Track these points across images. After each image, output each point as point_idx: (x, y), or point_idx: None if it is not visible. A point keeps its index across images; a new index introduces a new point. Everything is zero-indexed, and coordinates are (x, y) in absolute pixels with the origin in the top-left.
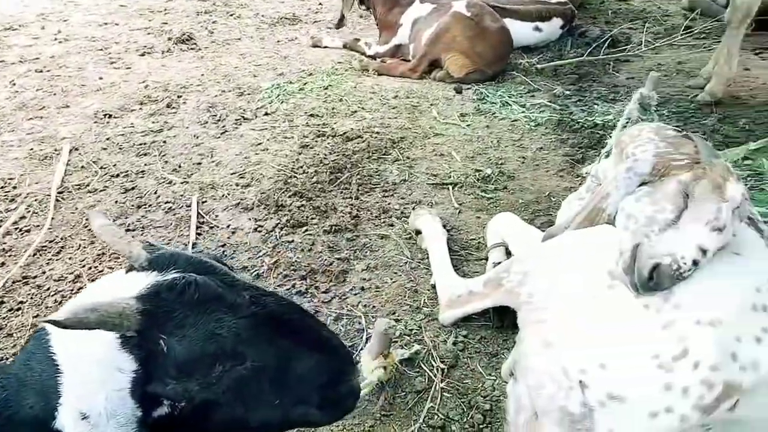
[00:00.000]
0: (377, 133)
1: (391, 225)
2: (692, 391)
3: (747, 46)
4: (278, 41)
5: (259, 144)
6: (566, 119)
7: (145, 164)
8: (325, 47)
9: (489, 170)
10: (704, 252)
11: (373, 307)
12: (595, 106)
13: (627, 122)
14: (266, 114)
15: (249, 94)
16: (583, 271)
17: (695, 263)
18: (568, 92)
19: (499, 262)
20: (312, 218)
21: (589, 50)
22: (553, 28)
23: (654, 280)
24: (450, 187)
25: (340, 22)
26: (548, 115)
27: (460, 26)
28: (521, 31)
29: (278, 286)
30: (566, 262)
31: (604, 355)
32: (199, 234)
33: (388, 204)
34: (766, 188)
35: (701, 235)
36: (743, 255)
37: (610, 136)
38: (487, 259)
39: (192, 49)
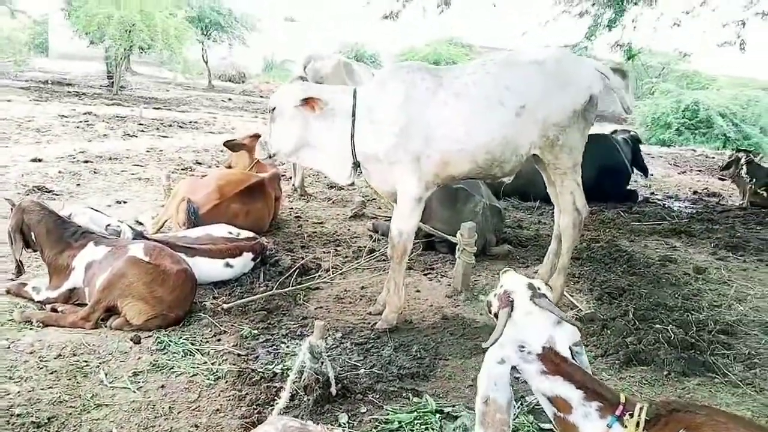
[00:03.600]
0: (18, 415)
1: None
2: None
3: (418, 267)
4: None
5: None
6: (248, 369)
7: None
8: None
9: None
10: None
11: None
12: (282, 346)
13: (298, 374)
14: None
15: None
16: None
17: None
18: (256, 331)
19: None
20: None
21: (279, 282)
22: (244, 261)
23: None
24: None
25: (18, 271)
26: (230, 365)
27: (136, 271)
28: (212, 269)
29: None
30: None
31: None
32: None
33: None
34: None
35: None
36: None
37: None
38: None
39: None
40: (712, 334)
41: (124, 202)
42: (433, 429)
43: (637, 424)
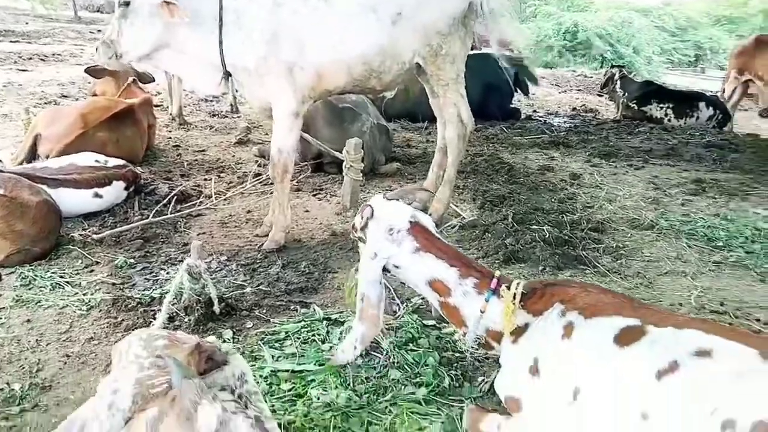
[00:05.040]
0: None
1: None
2: None
3: (307, 188)
4: None
5: None
6: (124, 296)
7: None
8: None
9: (17, 386)
10: None
11: None
12: (162, 273)
13: (176, 296)
14: None
15: None
16: None
17: None
18: (132, 260)
19: None
20: None
21: (155, 210)
22: (115, 191)
23: None
24: None
25: None
26: (104, 294)
27: None
28: (79, 200)
29: None
30: None
31: None
32: None
33: None
34: (317, 340)
35: None
36: None
37: None
38: None
39: None
40: (584, 232)
41: None
42: (319, 335)
43: (514, 296)
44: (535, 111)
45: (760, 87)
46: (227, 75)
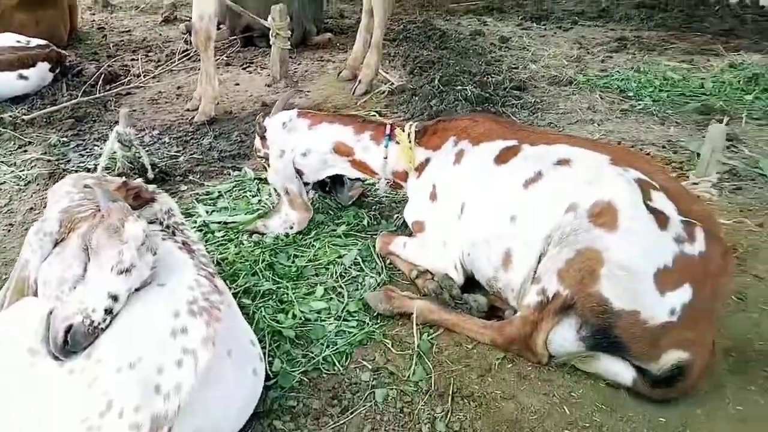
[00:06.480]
0: None
1: None
2: None
3: (236, 62)
4: None
5: None
6: (59, 170)
7: None
8: None
9: None
10: (116, 298)
11: None
12: (95, 148)
13: (108, 161)
14: None
15: None
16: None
17: (109, 312)
18: (65, 139)
19: None
20: None
21: (83, 90)
22: (41, 72)
23: (69, 343)
24: None
25: None
26: (39, 169)
27: None
28: (4, 82)
29: None
30: None
31: None
32: None
33: None
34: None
35: (108, 282)
36: (168, 284)
37: None
38: None
39: None
40: (507, 90)
41: None
42: (250, 191)
43: (408, 136)
44: None
45: None
46: None
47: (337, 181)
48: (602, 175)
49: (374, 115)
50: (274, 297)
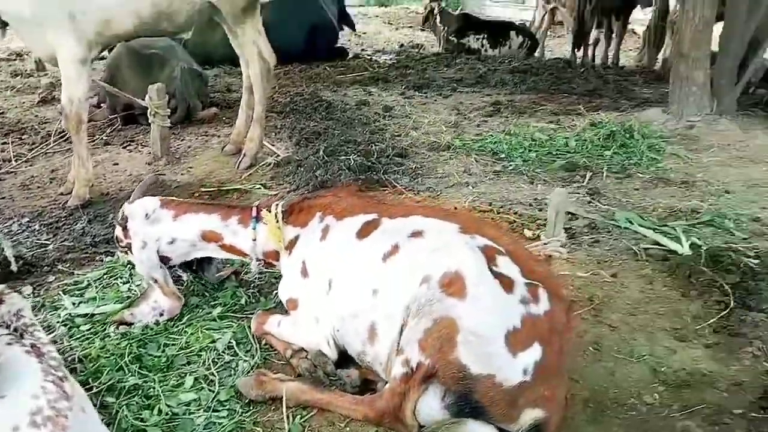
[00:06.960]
0: None
1: None
2: None
3: (117, 141)
4: None
5: None
6: None
7: None
8: None
9: None
10: None
11: None
12: None
13: None
14: None
15: None
16: None
17: None
18: None
19: None
20: None
21: None
22: None
23: None
24: None
25: None
26: None
27: None
28: None
29: None
30: None
31: None
32: None
33: None
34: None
35: None
36: (8, 395)
37: None
38: None
39: None
40: (389, 158)
41: None
42: (121, 278)
43: (276, 216)
44: (363, 49)
45: (564, 14)
46: (3, 24)
47: (204, 259)
48: (450, 244)
49: (259, 188)
50: (140, 392)
